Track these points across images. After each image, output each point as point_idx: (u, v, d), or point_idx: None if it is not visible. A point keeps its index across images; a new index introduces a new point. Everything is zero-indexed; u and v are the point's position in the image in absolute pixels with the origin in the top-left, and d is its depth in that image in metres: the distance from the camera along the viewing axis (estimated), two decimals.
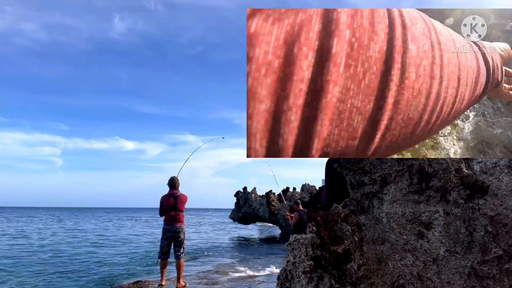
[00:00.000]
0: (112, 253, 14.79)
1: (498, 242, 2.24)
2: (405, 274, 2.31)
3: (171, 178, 7.09)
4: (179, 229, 6.81)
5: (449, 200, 2.33)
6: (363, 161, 2.52)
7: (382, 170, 2.47)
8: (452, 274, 2.25)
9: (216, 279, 8.29)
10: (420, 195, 2.38)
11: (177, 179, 7.11)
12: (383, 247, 2.38)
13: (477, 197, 2.33)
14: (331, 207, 2.58)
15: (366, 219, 2.45)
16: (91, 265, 11.34)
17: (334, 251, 2.32)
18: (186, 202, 7.00)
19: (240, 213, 27.25)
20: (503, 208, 2.28)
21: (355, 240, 2.38)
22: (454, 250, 2.28)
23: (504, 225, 2.26)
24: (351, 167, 2.57)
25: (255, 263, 11.59)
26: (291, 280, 2.39)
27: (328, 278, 2.31)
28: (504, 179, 2.32)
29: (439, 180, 2.35)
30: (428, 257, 2.30)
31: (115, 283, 8.26)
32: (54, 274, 9.79)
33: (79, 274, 9.75)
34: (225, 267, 10.45)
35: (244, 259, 12.95)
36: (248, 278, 8.53)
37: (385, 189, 2.45)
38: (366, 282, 2.31)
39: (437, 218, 2.32)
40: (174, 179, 7.08)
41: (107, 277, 9.13)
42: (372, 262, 2.36)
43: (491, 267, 2.22)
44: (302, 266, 2.32)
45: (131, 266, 11.27)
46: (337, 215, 2.43)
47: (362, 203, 2.50)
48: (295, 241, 2.40)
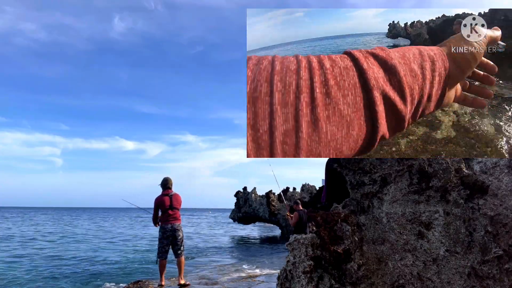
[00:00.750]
0: (112, 253, 14.79)
1: (498, 242, 2.24)
2: (405, 274, 2.31)
3: (164, 179, 7.15)
4: (178, 227, 6.86)
5: (449, 200, 2.33)
6: (363, 161, 2.52)
7: (382, 170, 2.47)
8: (452, 274, 2.25)
9: (216, 279, 8.29)
10: (420, 195, 2.38)
11: (170, 179, 7.17)
12: (383, 247, 2.38)
13: (477, 197, 2.33)
14: (331, 207, 2.58)
15: (366, 219, 2.46)
16: (91, 265, 11.34)
17: (334, 251, 2.32)
18: (181, 201, 7.06)
19: (240, 213, 27.25)
20: (503, 208, 2.28)
21: (355, 240, 2.38)
22: (454, 250, 2.28)
23: (504, 225, 2.26)
24: (351, 167, 2.57)
25: (255, 263, 11.59)
26: (291, 280, 2.39)
27: (328, 278, 2.31)
28: (504, 179, 2.32)
29: (439, 180, 2.35)
30: (428, 257, 2.30)
31: (115, 283, 8.26)
32: (53, 274, 9.79)
33: (79, 274, 9.75)
34: (225, 267, 10.45)
35: (244, 259, 12.96)
36: (248, 278, 8.53)
37: (385, 189, 2.45)
38: (366, 282, 2.31)
39: (437, 218, 2.32)
40: (167, 179, 7.14)
41: (107, 277, 9.12)
42: (372, 262, 2.36)
43: (491, 267, 2.22)
44: (302, 266, 2.32)
45: (131, 266, 11.26)
46: (337, 215, 2.43)
47: (362, 203, 2.50)
48: (295, 241, 2.40)
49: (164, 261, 6.83)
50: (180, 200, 7.04)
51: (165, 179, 7.13)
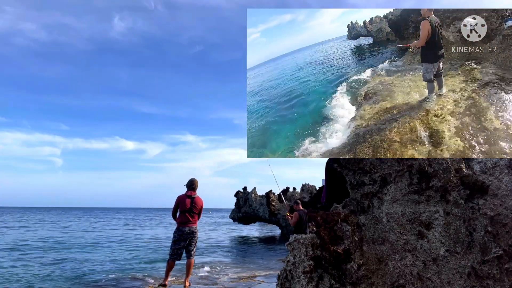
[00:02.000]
0: (111, 253, 14.80)
1: (498, 242, 2.24)
2: (405, 274, 2.31)
3: (190, 180, 7.10)
4: (195, 229, 6.92)
5: (449, 200, 2.33)
6: (363, 161, 2.52)
7: (382, 170, 2.47)
8: (452, 274, 2.25)
9: (216, 279, 8.29)
10: (420, 195, 2.38)
11: (196, 181, 7.13)
12: (383, 247, 2.38)
13: (477, 197, 2.33)
14: (331, 207, 2.58)
15: (366, 219, 2.45)
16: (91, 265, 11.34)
17: (334, 251, 2.32)
18: (202, 206, 7.07)
19: (240, 213, 27.25)
20: (503, 208, 2.28)
21: (355, 240, 2.38)
22: (454, 250, 2.28)
23: (504, 225, 2.26)
24: (351, 167, 2.57)
25: (255, 263, 11.59)
26: (291, 280, 2.39)
27: (328, 278, 2.31)
28: (504, 179, 2.32)
29: (439, 180, 2.35)
30: (428, 257, 2.30)
31: (115, 283, 8.26)
32: (52, 274, 9.79)
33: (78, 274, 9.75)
34: (225, 267, 10.45)
35: (244, 259, 12.96)
36: (248, 278, 8.53)
37: (385, 189, 2.45)
38: (366, 282, 2.31)
39: (437, 218, 2.32)
40: (193, 181, 7.10)
41: (107, 277, 9.12)
42: (372, 262, 2.36)
43: (491, 267, 2.22)
44: (302, 266, 2.32)
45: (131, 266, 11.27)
46: (337, 215, 2.43)
47: (362, 203, 2.50)
48: (295, 241, 2.40)
49: (173, 263, 6.81)
50: (201, 205, 7.04)
51: (191, 180, 7.11)
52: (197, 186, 7.08)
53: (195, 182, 7.08)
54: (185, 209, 6.82)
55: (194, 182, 7.07)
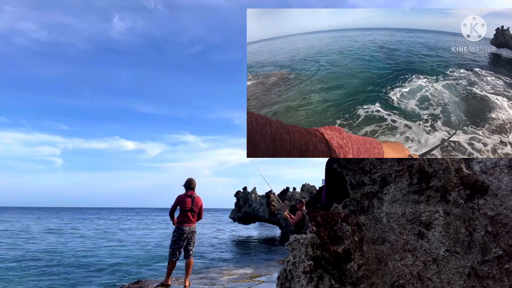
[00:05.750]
0: (111, 253, 14.79)
1: (498, 242, 2.24)
2: (405, 274, 2.31)
3: (188, 180, 7.13)
4: (194, 229, 6.98)
5: (449, 200, 2.33)
6: (363, 161, 2.52)
7: (382, 170, 2.47)
8: (452, 274, 2.25)
9: (216, 279, 8.29)
10: (420, 195, 2.38)
11: (194, 180, 7.16)
12: (383, 247, 2.38)
13: (477, 197, 2.33)
14: (331, 207, 2.58)
15: (366, 219, 2.45)
16: (91, 265, 11.34)
17: (334, 251, 2.32)
18: (202, 206, 7.09)
19: (240, 213, 27.26)
20: (503, 208, 2.28)
21: (355, 240, 2.38)
22: (454, 250, 2.28)
23: (504, 225, 2.26)
24: (351, 167, 2.56)
25: (255, 263, 11.59)
26: (291, 280, 2.39)
27: (328, 278, 2.31)
28: (504, 179, 2.32)
29: (439, 180, 2.35)
30: (428, 257, 2.30)
31: (115, 283, 8.25)
32: (52, 274, 9.79)
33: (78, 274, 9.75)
34: (225, 267, 10.45)
35: (244, 259, 12.96)
36: (248, 278, 8.52)
37: (385, 189, 2.45)
38: (366, 282, 2.31)
39: (437, 218, 2.32)
40: (191, 180, 7.14)
41: (107, 277, 9.12)
42: (372, 262, 2.36)
43: (491, 267, 2.22)
44: (302, 266, 2.32)
45: (131, 266, 11.27)
46: (337, 215, 2.43)
47: (362, 203, 2.49)
48: (295, 241, 2.40)
49: (175, 262, 6.83)
50: (201, 204, 7.09)
51: (189, 180, 7.14)
52: (195, 186, 7.10)
53: (194, 182, 7.11)
54: (186, 209, 6.85)
55: (193, 182, 7.10)
